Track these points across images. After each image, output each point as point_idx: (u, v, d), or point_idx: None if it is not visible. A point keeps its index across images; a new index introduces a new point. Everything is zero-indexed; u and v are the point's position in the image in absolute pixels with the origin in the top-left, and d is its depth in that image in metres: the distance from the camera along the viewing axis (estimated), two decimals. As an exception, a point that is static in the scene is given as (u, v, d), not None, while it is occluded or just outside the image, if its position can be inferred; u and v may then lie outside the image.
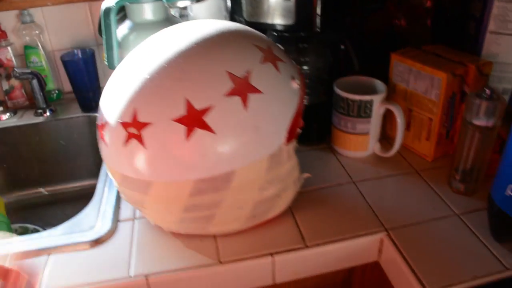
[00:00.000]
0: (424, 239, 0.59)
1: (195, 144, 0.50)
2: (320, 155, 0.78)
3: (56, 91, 1.08)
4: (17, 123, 0.98)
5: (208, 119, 0.49)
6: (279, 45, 0.60)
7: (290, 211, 0.65)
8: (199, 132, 0.49)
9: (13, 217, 0.94)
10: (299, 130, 0.59)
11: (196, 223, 0.57)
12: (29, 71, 0.96)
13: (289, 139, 0.55)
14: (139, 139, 0.50)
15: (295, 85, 0.56)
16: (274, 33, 0.75)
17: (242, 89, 0.51)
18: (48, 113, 1.00)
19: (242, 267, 0.57)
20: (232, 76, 0.50)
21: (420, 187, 0.69)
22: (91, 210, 0.68)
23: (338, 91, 0.71)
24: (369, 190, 0.68)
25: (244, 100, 0.51)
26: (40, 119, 0.99)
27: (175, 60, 0.51)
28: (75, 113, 1.01)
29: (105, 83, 0.58)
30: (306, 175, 0.63)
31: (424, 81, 0.69)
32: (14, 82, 1.03)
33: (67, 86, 1.05)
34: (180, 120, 0.49)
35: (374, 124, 0.72)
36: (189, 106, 0.49)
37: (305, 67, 0.76)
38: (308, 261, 0.59)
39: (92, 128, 0.97)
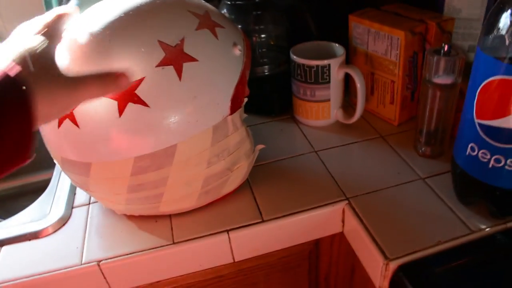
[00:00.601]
0: (387, 206, 0.57)
1: (130, 120, 0.47)
2: (282, 126, 0.76)
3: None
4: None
5: (140, 92, 0.46)
6: (219, 11, 0.57)
7: (248, 185, 0.62)
8: (132, 107, 0.46)
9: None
10: (245, 99, 0.56)
11: (145, 203, 0.55)
12: None
13: (233, 109, 0.53)
14: (72, 119, 0.48)
15: (237, 51, 0.53)
16: (228, 2, 0.71)
17: (175, 58, 0.47)
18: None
19: (198, 246, 0.55)
20: (163, 45, 0.47)
21: (385, 153, 0.66)
22: (45, 198, 0.66)
23: (294, 57, 0.68)
24: (331, 159, 0.66)
25: (178, 70, 0.47)
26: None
27: (102, 33, 0.48)
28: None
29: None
30: (260, 146, 0.61)
31: (383, 42, 0.66)
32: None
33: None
34: (111, 96, 0.46)
35: (334, 90, 0.69)
36: None
37: (262, 36, 0.73)
38: (265, 236, 0.57)
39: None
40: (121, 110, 0.47)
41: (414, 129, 0.70)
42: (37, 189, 0.99)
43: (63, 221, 0.60)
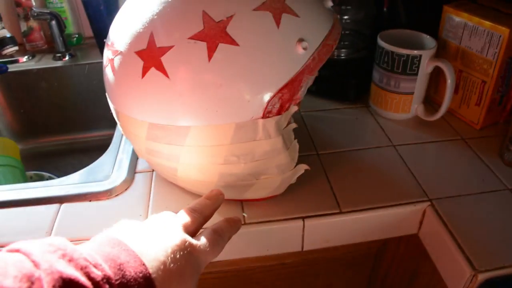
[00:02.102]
0: (472, 213, 0.53)
1: (149, 83, 0.44)
2: (356, 114, 0.72)
3: (76, 35, 1.01)
4: (35, 66, 0.93)
5: (165, 60, 0.43)
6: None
7: (324, 172, 0.59)
8: (153, 72, 0.43)
9: (29, 165, 0.91)
10: (293, 107, 0.48)
11: (162, 169, 0.53)
12: (48, 11, 0.90)
13: (269, 113, 0.45)
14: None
15: (300, 49, 0.45)
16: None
17: (213, 35, 0.42)
18: (67, 58, 0.94)
19: (270, 230, 0.52)
20: (206, 17, 0.42)
21: (467, 156, 0.62)
22: (107, 159, 0.63)
23: (383, 43, 0.64)
24: (410, 156, 0.62)
25: (211, 49, 0.42)
26: (58, 64, 0.93)
27: None
28: (96, 58, 0.94)
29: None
30: (303, 166, 0.52)
31: (481, 38, 0.62)
32: (33, 23, 0.97)
33: (88, 31, 0.99)
34: (140, 54, 0.44)
35: (420, 83, 0.65)
36: (151, 41, 0.43)
37: (346, 17, 0.69)
38: (341, 228, 0.54)
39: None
40: (144, 72, 0.44)
41: (497, 135, 0.66)
42: (85, 148, 0.98)
43: (125, 185, 0.57)
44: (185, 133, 0.45)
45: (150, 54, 0.43)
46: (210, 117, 0.44)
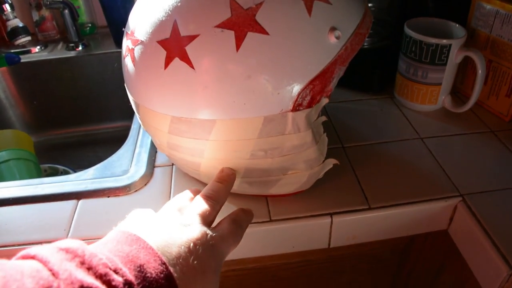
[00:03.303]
0: (504, 209, 0.51)
1: (172, 74, 0.42)
2: (380, 105, 0.69)
3: (90, 25, 0.99)
4: (47, 56, 0.91)
5: (190, 50, 0.40)
6: None
7: (351, 166, 0.57)
8: (177, 63, 0.41)
9: (43, 157, 0.89)
10: (324, 99, 0.45)
11: (184, 164, 0.51)
12: (60, 0, 0.88)
13: (299, 106, 0.43)
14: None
15: (333, 39, 0.42)
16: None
17: (241, 23, 0.39)
18: (80, 48, 0.92)
19: (296, 226, 0.50)
20: (234, 4, 0.39)
21: (497, 150, 0.60)
22: (124, 152, 0.61)
23: (411, 32, 0.61)
24: (438, 149, 0.60)
25: (239, 38, 0.39)
26: (72, 54, 0.91)
27: None
28: (109, 48, 0.92)
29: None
30: (332, 161, 0.50)
31: (514, 26, 0.59)
32: (45, 13, 0.95)
33: (102, 20, 0.97)
34: (163, 43, 0.41)
35: (448, 74, 0.62)
36: (175, 30, 0.41)
37: (369, 5, 0.66)
38: (369, 224, 0.52)
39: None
40: (167, 63, 0.41)
41: (528, 128, 0.63)
42: (100, 140, 0.96)
43: (145, 180, 0.56)
44: (210, 127, 0.43)
45: (173, 44, 0.41)
46: (237, 111, 0.42)
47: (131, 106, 0.51)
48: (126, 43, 0.47)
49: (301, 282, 0.62)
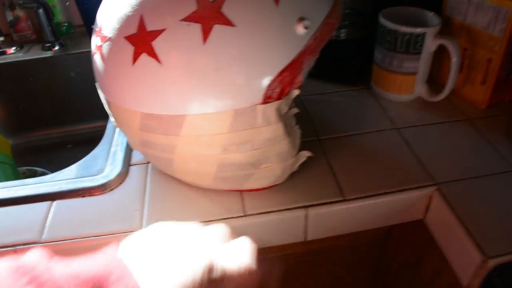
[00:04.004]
0: (480, 196, 0.51)
1: (141, 70, 0.41)
2: (357, 96, 0.69)
3: (66, 24, 0.98)
4: (23, 57, 0.90)
5: (156, 44, 0.40)
6: None
7: (326, 158, 0.56)
8: (145, 58, 0.41)
9: (21, 160, 0.89)
10: (294, 91, 0.45)
11: (157, 161, 0.51)
12: (34, -1, 0.87)
13: (268, 99, 0.43)
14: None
15: (300, 29, 0.42)
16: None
17: (207, 16, 0.39)
18: (57, 47, 0.91)
19: (271, 220, 0.50)
20: None
21: (473, 138, 0.60)
22: (100, 152, 0.60)
23: (385, 22, 0.61)
24: (414, 138, 0.60)
25: (205, 31, 0.39)
26: (48, 54, 0.90)
27: None
28: (87, 47, 0.91)
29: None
30: (306, 153, 0.51)
31: (487, 14, 0.59)
32: (19, 13, 0.93)
33: (78, 19, 0.95)
34: (130, 39, 0.41)
35: (423, 63, 0.62)
36: (141, 25, 0.40)
37: (344, -5, 0.66)
38: (345, 216, 0.52)
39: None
40: (134, 59, 0.41)
41: (504, 115, 0.63)
42: (80, 140, 0.95)
43: (120, 179, 0.55)
44: (180, 123, 0.43)
45: (140, 39, 0.41)
46: (206, 105, 0.42)
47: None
48: (94, 40, 0.46)
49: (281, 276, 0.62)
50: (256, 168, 0.48)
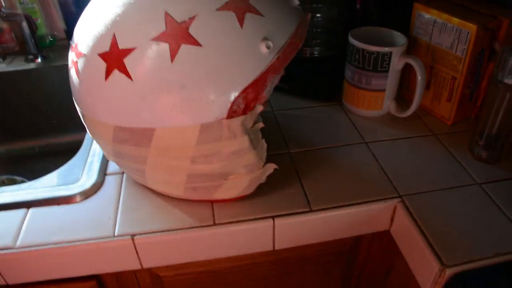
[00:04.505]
0: (441, 208, 0.53)
1: (113, 86, 0.44)
2: (329, 112, 0.72)
3: (49, 37, 0.99)
4: (6, 69, 0.91)
5: (128, 61, 0.42)
6: None
7: (295, 170, 0.59)
8: (116, 74, 0.43)
9: (2, 169, 0.90)
10: (259, 107, 0.47)
11: (130, 171, 0.53)
12: (18, 12, 0.88)
13: (233, 114, 0.45)
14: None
15: (264, 49, 0.44)
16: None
17: (175, 36, 0.42)
18: (39, 60, 0.92)
19: (240, 230, 0.52)
20: (168, 18, 0.42)
21: (438, 152, 0.62)
22: (77, 161, 0.62)
23: (354, 41, 0.64)
24: (382, 153, 0.62)
25: (173, 50, 0.42)
26: (31, 66, 0.91)
27: None
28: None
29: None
30: (272, 166, 0.52)
31: (450, 35, 0.62)
32: (3, 25, 0.95)
33: (61, 32, 0.97)
34: (103, 56, 0.43)
35: (391, 80, 0.65)
36: (113, 43, 0.43)
37: (318, 15, 0.69)
38: (311, 226, 0.54)
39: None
40: (107, 75, 0.43)
41: (468, 130, 0.66)
42: (60, 151, 0.96)
43: (95, 188, 0.57)
44: (150, 135, 0.45)
45: (113, 56, 0.43)
46: (174, 119, 0.44)
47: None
48: (71, 55, 0.49)
49: (251, 285, 0.63)
50: (225, 179, 0.50)
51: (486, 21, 0.60)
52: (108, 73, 0.43)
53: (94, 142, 0.65)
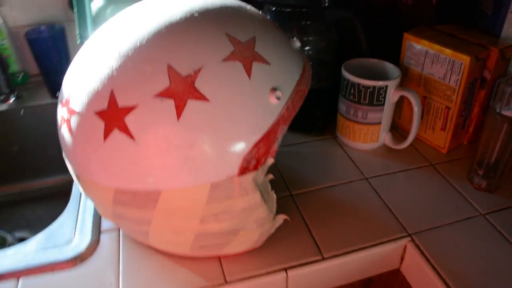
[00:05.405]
0: (451, 243, 0.53)
1: (113, 146, 0.40)
2: (324, 147, 0.70)
3: (22, 74, 0.93)
4: (-26, 111, 0.85)
5: (129, 120, 0.39)
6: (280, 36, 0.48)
7: (301, 215, 0.57)
8: (117, 134, 0.40)
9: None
10: (269, 160, 0.45)
11: (130, 232, 0.50)
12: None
13: (244, 170, 0.42)
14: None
15: (274, 100, 0.42)
16: (272, 8, 0.65)
17: (181, 91, 0.39)
18: (12, 99, 0.86)
19: (254, 285, 0.49)
20: (172, 72, 0.39)
21: (438, 183, 0.62)
22: (66, 219, 0.57)
23: (349, 75, 0.63)
24: (383, 188, 0.61)
25: (179, 107, 0.39)
26: (3, 107, 0.85)
27: (112, 48, 0.41)
28: (44, 99, 0.87)
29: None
30: (282, 216, 0.50)
31: (443, 65, 0.62)
32: (-28, 64, 0.89)
33: (35, 68, 0.91)
34: (101, 114, 0.40)
35: (386, 113, 0.65)
36: (112, 101, 0.39)
37: (307, 48, 0.67)
38: (325, 274, 0.52)
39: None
40: (106, 135, 0.40)
41: (463, 157, 0.67)
42: (38, 197, 0.90)
43: (91, 249, 0.53)
44: (155, 198, 0.42)
45: (112, 115, 0.39)
46: (182, 180, 0.41)
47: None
48: (61, 112, 0.45)
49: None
50: (234, 235, 0.47)
51: (478, 51, 0.60)
52: (107, 133, 0.40)
53: (83, 196, 0.61)
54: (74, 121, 0.42)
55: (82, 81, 0.42)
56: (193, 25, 0.41)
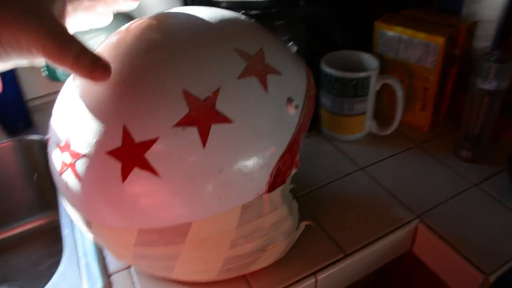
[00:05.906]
0: (456, 217, 0.56)
1: (134, 187, 0.37)
2: (312, 143, 0.70)
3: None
4: None
5: (151, 156, 0.36)
6: (285, 45, 0.47)
7: (311, 215, 0.56)
8: (138, 173, 0.36)
9: None
10: (293, 170, 0.44)
11: (153, 270, 0.47)
12: None
13: (273, 186, 0.41)
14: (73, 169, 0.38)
15: (292, 109, 0.41)
16: (242, 12, 0.63)
17: (202, 116, 0.36)
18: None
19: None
20: (189, 97, 0.36)
21: (429, 162, 0.65)
22: (67, 267, 0.52)
23: (331, 70, 0.63)
24: (381, 175, 0.62)
25: (203, 133, 0.36)
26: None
27: (114, 78, 0.37)
28: (-1, 138, 0.79)
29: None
30: (305, 223, 0.50)
31: (417, 49, 0.64)
32: None
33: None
34: (115, 154, 0.36)
35: (370, 102, 0.66)
36: (126, 137, 0.36)
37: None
38: (349, 270, 0.52)
39: (24, 154, 0.77)
40: (124, 175, 0.36)
41: (444, 133, 0.69)
42: (8, 246, 0.81)
43: (106, 295, 0.49)
44: (185, 231, 0.39)
45: (128, 152, 0.36)
46: (213, 208, 0.38)
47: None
48: (60, 157, 0.40)
49: None
50: (263, 252, 0.46)
51: (449, 32, 0.62)
52: (125, 173, 0.36)
53: (78, 237, 0.56)
54: (81, 165, 0.38)
55: (82, 120, 0.38)
56: (199, 44, 0.39)
